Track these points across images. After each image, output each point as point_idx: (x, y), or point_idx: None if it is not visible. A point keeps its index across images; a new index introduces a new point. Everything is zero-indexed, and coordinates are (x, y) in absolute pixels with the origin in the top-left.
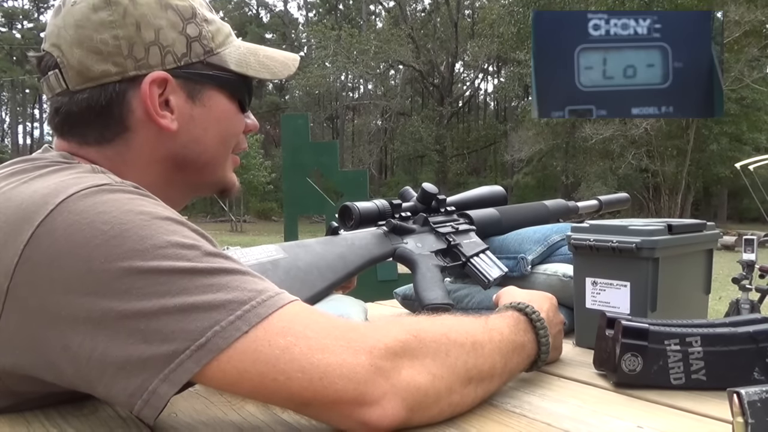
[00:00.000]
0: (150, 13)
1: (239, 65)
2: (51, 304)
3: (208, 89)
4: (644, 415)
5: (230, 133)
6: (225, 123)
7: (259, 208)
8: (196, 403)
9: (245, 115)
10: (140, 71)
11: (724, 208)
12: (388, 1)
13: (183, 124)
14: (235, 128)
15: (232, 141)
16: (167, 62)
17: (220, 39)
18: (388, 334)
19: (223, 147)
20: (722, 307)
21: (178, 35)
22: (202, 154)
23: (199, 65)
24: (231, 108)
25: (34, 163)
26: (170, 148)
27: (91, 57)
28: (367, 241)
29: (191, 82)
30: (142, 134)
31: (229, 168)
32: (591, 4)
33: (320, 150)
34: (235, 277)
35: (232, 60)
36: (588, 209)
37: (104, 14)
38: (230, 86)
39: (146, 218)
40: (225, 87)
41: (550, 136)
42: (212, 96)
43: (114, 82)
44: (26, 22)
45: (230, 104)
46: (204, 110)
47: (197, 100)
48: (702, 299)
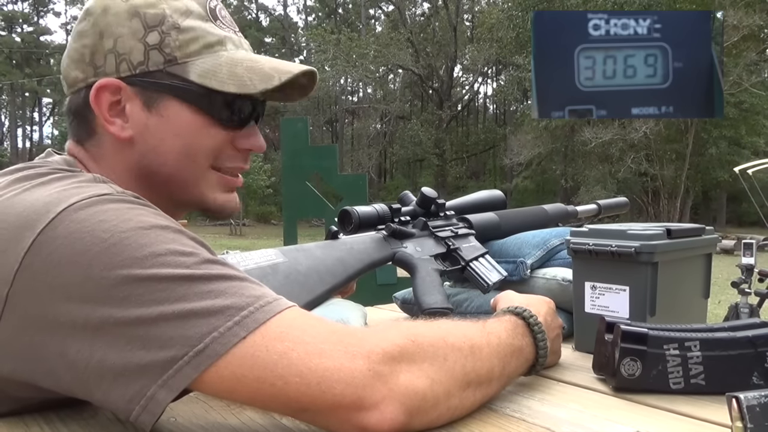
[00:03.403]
0: (115, 22)
1: (202, 76)
2: (50, 310)
3: (165, 99)
4: (643, 420)
5: (196, 147)
6: (187, 136)
7: (258, 211)
8: (195, 407)
9: (242, 132)
10: (97, 78)
11: (723, 212)
12: (387, 5)
13: (138, 132)
14: (203, 143)
15: (202, 156)
16: (122, 70)
17: (193, 48)
18: (386, 339)
19: (188, 161)
20: (721, 311)
21: (136, 43)
22: (162, 167)
23: (158, 74)
24: (196, 121)
25: (37, 170)
26: (129, 157)
27: (69, 65)
28: (366, 245)
29: (148, 90)
30: (107, 139)
31: (211, 186)
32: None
33: (319, 154)
34: (233, 284)
35: (196, 70)
36: (587, 213)
37: (82, 24)
38: (192, 98)
39: (145, 227)
40: (185, 98)
41: (549, 140)
42: (170, 106)
43: (82, 88)
44: (26, 25)
45: (195, 117)
46: (161, 120)
47: (153, 109)
48: (701, 303)
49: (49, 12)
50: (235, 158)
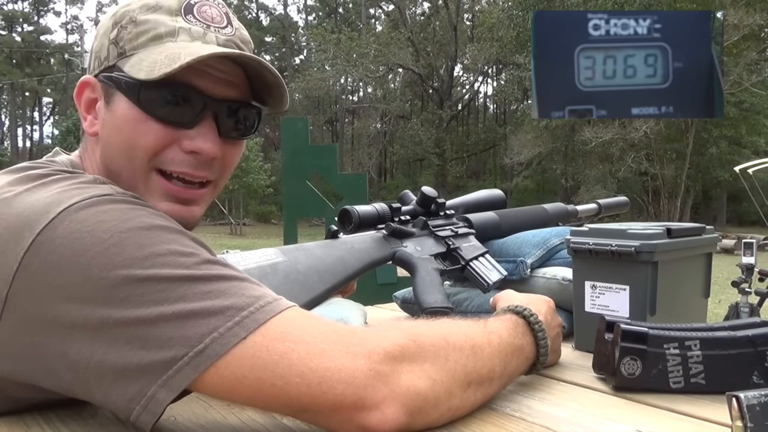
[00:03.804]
0: (106, 23)
1: (132, 66)
2: (50, 311)
3: (115, 94)
4: (643, 419)
5: (132, 143)
6: (125, 131)
7: (258, 211)
8: (195, 406)
9: (191, 132)
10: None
11: (724, 212)
12: (387, 5)
13: (101, 128)
14: (137, 139)
15: (140, 153)
16: (93, 67)
17: (141, 40)
18: (387, 339)
19: (126, 158)
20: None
21: (105, 40)
22: (111, 163)
23: (113, 68)
24: (132, 114)
25: (39, 170)
26: (98, 152)
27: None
28: (366, 244)
29: (105, 86)
30: (87, 137)
31: (152, 192)
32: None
33: (320, 153)
34: (233, 284)
35: (131, 61)
36: (587, 213)
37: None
38: (128, 90)
39: (145, 227)
40: (125, 90)
41: (549, 140)
42: (118, 100)
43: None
44: (26, 25)
45: (132, 110)
46: (111, 115)
47: (109, 105)
48: (701, 303)
49: (49, 11)
50: (181, 162)
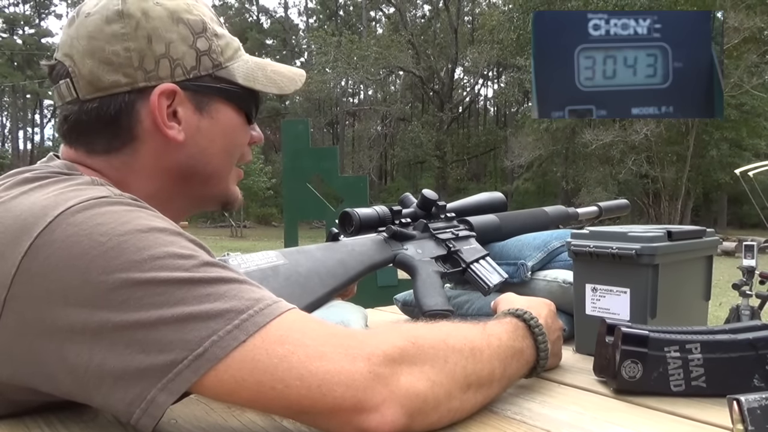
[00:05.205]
0: (162, 27)
1: (247, 79)
2: (48, 315)
3: (215, 102)
4: (644, 422)
5: (236, 144)
6: (231, 135)
7: (259, 213)
8: (195, 409)
9: (251, 127)
10: (149, 83)
11: (724, 214)
12: (388, 8)
13: (190, 135)
14: (241, 140)
15: (237, 152)
16: (176, 75)
17: (229, 53)
18: (387, 341)
19: (228, 158)
20: (723, 313)
21: (188, 49)
22: (207, 165)
23: (207, 78)
24: (238, 120)
25: (35, 173)
26: (176, 159)
27: (102, 67)
28: (367, 247)
29: (199, 94)
30: (149, 144)
31: (233, 181)
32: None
33: (320, 155)
34: (232, 287)
35: (240, 74)
36: (588, 215)
37: (117, 26)
38: (237, 99)
39: (143, 230)
40: (232, 100)
41: (550, 142)
42: (219, 108)
43: (123, 93)
44: (27, 27)
45: (237, 117)
46: (211, 122)
47: (204, 112)
48: (702, 306)
49: (50, 14)
50: (248, 151)
